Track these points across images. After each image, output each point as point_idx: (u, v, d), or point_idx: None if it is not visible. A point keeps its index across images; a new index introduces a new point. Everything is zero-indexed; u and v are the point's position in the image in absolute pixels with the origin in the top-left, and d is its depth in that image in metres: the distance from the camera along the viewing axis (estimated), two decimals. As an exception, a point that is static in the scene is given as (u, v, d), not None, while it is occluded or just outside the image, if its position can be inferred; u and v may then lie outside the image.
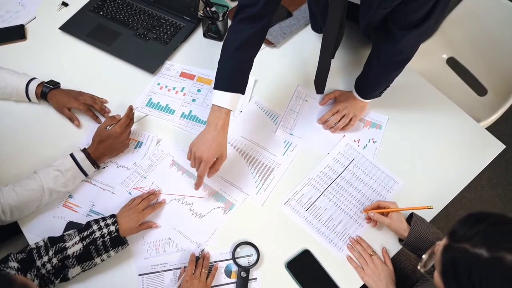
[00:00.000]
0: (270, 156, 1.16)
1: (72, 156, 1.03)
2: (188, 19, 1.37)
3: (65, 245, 0.91)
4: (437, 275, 0.65)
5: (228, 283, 1.00)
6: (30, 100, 1.18)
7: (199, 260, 1.00)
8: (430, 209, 1.02)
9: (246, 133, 1.19)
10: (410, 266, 1.12)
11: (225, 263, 1.02)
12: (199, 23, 1.37)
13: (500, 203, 1.95)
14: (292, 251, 1.04)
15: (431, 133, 1.22)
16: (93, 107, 1.19)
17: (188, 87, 1.27)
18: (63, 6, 1.42)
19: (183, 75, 1.29)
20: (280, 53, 1.34)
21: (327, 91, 1.24)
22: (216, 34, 1.34)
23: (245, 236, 1.05)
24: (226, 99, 1.00)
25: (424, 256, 0.70)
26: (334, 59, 1.19)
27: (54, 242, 0.91)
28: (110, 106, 1.22)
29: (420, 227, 1.00)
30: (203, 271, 0.97)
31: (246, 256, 1.03)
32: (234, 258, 1.01)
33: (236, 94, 1.01)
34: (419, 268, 0.71)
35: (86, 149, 1.06)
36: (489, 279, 0.57)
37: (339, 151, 1.18)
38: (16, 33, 1.34)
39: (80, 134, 1.17)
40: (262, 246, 1.03)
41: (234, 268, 1.01)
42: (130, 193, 1.09)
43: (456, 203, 1.88)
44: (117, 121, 1.09)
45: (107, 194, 1.09)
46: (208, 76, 1.29)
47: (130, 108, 1.10)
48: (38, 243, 0.91)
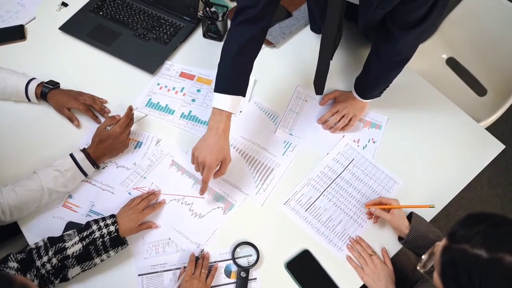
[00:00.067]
0: (270, 156, 1.16)
1: (72, 156, 1.03)
2: (188, 19, 1.37)
3: (64, 245, 0.91)
4: (436, 276, 0.65)
5: (228, 283, 1.00)
6: (29, 100, 1.18)
7: (199, 260, 1.00)
8: (431, 208, 1.02)
9: (245, 133, 1.19)
10: (410, 266, 1.12)
11: (224, 263, 1.02)
12: (198, 23, 1.37)
13: (500, 203, 1.95)
14: (292, 251, 1.04)
15: (431, 133, 1.22)
16: (92, 107, 1.19)
17: (188, 87, 1.27)
18: (62, 6, 1.42)
19: (183, 75, 1.29)
20: (279, 53, 1.34)
21: (326, 91, 1.24)
22: (215, 34, 1.34)
23: (244, 236, 1.05)
24: (226, 102, 0.99)
25: (423, 256, 0.70)
26: (333, 59, 1.19)
27: (53, 242, 0.91)
28: (110, 106, 1.22)
29: (420, 225, 1.01)
30: (202, 271, 0.97)
31: (246, 256, 1.03)
32: (234, 258, 1.01)
33: (237, 96, 1.00)
34: (419, 268, 0.71)
35: (85, 149, 1.06)
36: (488, 280, 0.57)
37: (338, 151, 1.18)
38: (15, 33, 1.34)
39: (80, 134, 1.17)
40: (262, 246, 1.03)
41: (234, 268, 1.01)
42: (129, 193, 1.09)
43: (455, 203, 1.88)
44: (117, 121, 1.09)
45: (106, 194, 1.09)
46: (207, 76, 1.29)
47: (129, 108, 1.10)
48: (38, 243, 0.92)
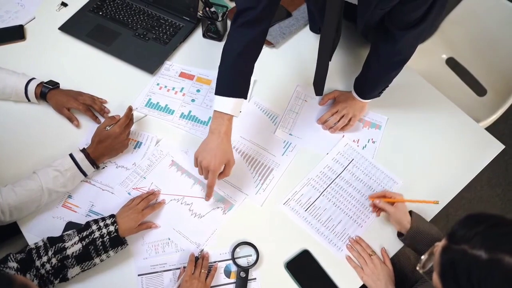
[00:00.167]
0: (270, 156, 1.16)
1: (72, 156, 1.03)
2: (188, 19, 1.37)
3: (64, 245, 0.91)
4: (435, 276, 0.65)
5: (228, 283, 1.00)
6: (29, 100, 1.18)
7: (199, 260, 1.00)
8: (435, 204, 1.02)
9: (245, 133, 1.19)
10: (410, 266, 1.12)
11: (224, 263, 1.02)
12: (198, 23, 1.37)
13: (499, 203, 1.95)
14: (292, 251, 1.04)
15: (431, 133, 1.22)
16: (92, 107, 1.19)
17: (188, 87, 1.27)
18: (62, 6, 1.42)
19: (183, 75, 1.29)
20: (279, 53, 1.34)
21: (326, 91, 1.24)
22: (215, 34, 1.34)
23: (244, 236, 1.05)
24: (228, 104, 0.99)
25: (423, 257, 0.70)
26: (333, 59, 1.19)
27: (53, 242, 0.91)
28: (110, 106, 1.22)
29: (421, 222, 1.01)
30: (202, 271, 0.97)
31: (246, 256, 1.03)
32: (234, 258, 1.01)
33: (239, 99, 1.00)
34: (418, 269, 0.71)
35: (85, 149, 1.06)
36: (488, 280, 0.57)
37: (338, 151, 1.18)
38: (15, 33, 1.34)
39: (80, 134, 1.17)
40: (262, 246, 1.03)
41: (234, 268, 1.01)
42: (129, 193, 1.09)
43: (455, 203, 1.88)
44: (116, 121, 1.09)
45: (106, 194, 1.09)
46: (207, 76, 1.29)
47: (129, 108, 1.10)
48: (38, 243, 0.92)
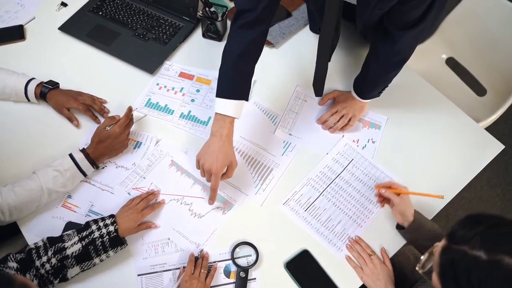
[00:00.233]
0: (269, 156, 1.16)
1: (71, 156, 1.03)
2: (187, 19, 1.37)
3: (64, 245, 0.91)
4: (435, 277, 0.65)
5: (227, 283, 1.00)
6: (29, 100, 1.18)
7: (198, 260, 1.00)
8: (440, 198, 1.02)
9: (245, 133, 1.19)
10: (409, 266, 1.12)
11: (224, 263, 1.02)
12: (198, 23, 1.37)
13: (499, 203, 1.95)
14: (291, 251, 1.04)
15: (430, 133, 1.22)
16: (92, 107, 1.19)
17: (187, 87, 1.27)
18: (62, 6, 1.42)
19: (182, 75, 1.29)
20: (279, 53, 1.34)
21: (326, 91, 1.24)
22: (215, 34, 1.34)
23: (244, 236, 1.05)
24: (229, 107, 0.98)
25: (422, 257, 0.70)
26: (332, 59, 1.19)
27: (53, 242, 0.91)
28: (109, 106, 1.22)
29: (423, 217, 1.01)
30: (202, 271, 0.97)
31: (245, 256, 1.03)
32: (233, 258, 1.01)
33: (240, 101, 0.99)
34: (418, 269, 0.71)
35: (85, 149, 1.06)
36: (487, 281, 0.57)
37: (338, 151, 1.18)
38: (15, 33, 1.34)
39: (79, 134, 1.17)
40: (261, 246, 1.03)
41: (233, 268, 1.01)
42: (129, 193, 1.09)
43: (455, 203, 1.88)
44: (116, 121, 1.09)
45: (106, 194, 1.09)
46: (207, 76, 1.29)
47: (129, 108, 1.10)
48: (37, 243, 0.92)
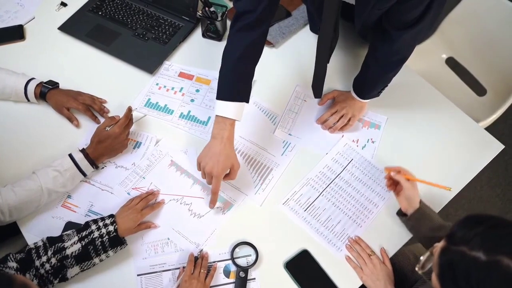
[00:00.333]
0: (269, 156, 1.16)
1: (71, 157, 1.03)
2: (187, 19, 1.37)
3: (63, 245, 0.91)
4: (434, 277, 0.65)
5: (227, 283, 1.00)
6: (29, 100, 1.18)
7: (198, 260, 1.00)
8: (448, 190, 1.04)
9: (244, 133, 1.19)
10: (409, 266, 1.12)
11: (223, 263, 1.02)
12: (198, 23, 1.37)
13: (499, 203, 1.95)
14: (291, 251, 1.04)
15: (430, 133, 1.22)
16: (92, 107, 1.19)
17: (187, 87, 1.27)
18: (62, 6, 1.42)
19: (182, 75, 1.29)
20: (279, 53, 1.34)
21: (325, 91, 1.23)
22: (215, 34, 1.33)
23: (243, 236, 1.05)
24: (230, 109, 0.98)
25: (422, 257, 0.70)
26: (331, 59, 1.18)
27: (53, 242, 0.91)
28: (109, 106, 1.22)
29: (428, 207, 1.00)
30: (202, 271, 0.98)
31: (245, 256, 1.03)
32: (233, 258, 1.01)
33: (240, 103, 0.99)
34: (417, 269, 0.71)
35: (84, 149, 1.06)
36: (486, 282, 0.57)
37: (337, 151, 1.18)
38: (15, 33, 1.34)
39: (79, 134, 1.17)
40: (261, 246, 1.03)
41: (233, 268, 1.01)
42: (128, 193, 1.09)
43: (455, 203, 1.88)
44: (116, 121, 1.09)
45: (105, 194, 1.09)
46: (206, 76, 1.29)
47: (129, 108, 1.10)
48: (37, 243, 0.92)
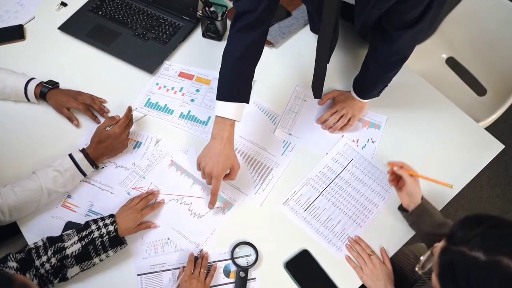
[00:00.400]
0: (269, 156, 1.16)
1: (71, 156, 1.03)
2: (187, 19, 1.37)
3: (63, 245, 0.91)
4: (434, 277, 0.65)
5: (227, 283, 1.00)
6: (29, 100, 1.18)
7: (198, 260, 1.00)
8: (450, 188, 1.04)
9: (244, 133, 1.19)
10: (409, 266, 1.12)
11: (223, 263, 1.02)
12: (198, 23, 1.37)
13: (499, 203, 1.95)
14: (291, 251, 1.04)
15: (430, 133, 1.22)
16: (92, 107, 1.19)
17: (187, 87, 1.27)
18: (62, 6, 1.42)
19: (182, 75, 1.29)
20: (279, 53, 1.34)
21: (325, 91, 1.23)
22: (215, 34, 1.33)
23: (243, 236, 1.05)
24: (230, 109, 0.98)
25: (422, 257, 0.70)
26: (331, 59, 1.18)
27: (53, 242, 0.91)
28: (109, 106, 1.22)
29: (430, 204, 1.00)
30: (202, 271, 0.98)
31: (245, 256, 1.03)
32: (233, 258, 1.01)
33: (240, 103, 0.99)
34: (417, 269, 0.71)
35: (85, 149, 1.06)
36: (486, 282, 0.57)
37: (337, 151, 1.18)
38: (15, 33, 1.34)
39: (79, 134, 1.17)
40: (261, 246, 1.03)
41: (233, 268, 1.02)
42: (128, 193, 1.09)
43: (455, 203, 1.88)
44: (116, 121, 1.09)
45: (105, 194, 1.09)
46: (206, 76, 1.29)
47: (129, 108, 1.10)
48: (37, 243, 0.92)
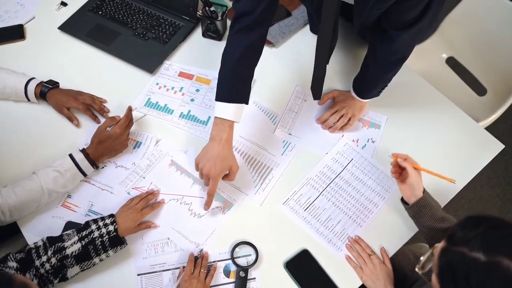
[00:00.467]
0: (269, 156, 1.16)
1: (71, 157, 1.03)
2: (187, 18, 1.37)
3: (63, 245, 0.91)
4: (434, 278, 0.65)
5: (227, 283, 1.00)
6: (29, 100, 1.18)
7: (198, 260, 1.00)
8: (453, 183, 1.03)
9: (244, 133, 1.19)
10: (409, 266, 1.12)
11: (224, 263, 1.02)
12: (198, 23, 1.37)
13: (499, 203, 1.95)
14: (291, 251, 1.04)
15: (430, 133, 1.22)
16: (92, 106, 1.19)
17: (187, 87, 1.27)
18: (62, 6, 1.42)
19: (182, 75, 1.29)
20: (279, 52, 1.34)
21: (325, 91, 1.23)
22: (215, 33, 1.33)
23: (243, 236, 1.05)
24: (229, 110, 0.98)
25: (422, 257, 0.70)
26: (331, 59, 1.18)
27: (53, 242, 0.91)
28: (109, 105, 1.22)
29: (432, 197, 1.00)
30: (202, 271, 0.98)
31: (245, 256, 1.03)
32: (233, 258, 1.01)
33: (239, 104, 0.99)
34: (417, 270, 0.71)
35: (85, 149, 1.06)
36: (486, 283, 0.57)
37: (337, 151, 1.18)
38: (15, 33, 1.34)
39: (79, 134, 1.17)
40: (261, 246, 1.03)
41: (233, 268, 1.02)
42: (128, 193, 1.09)
43: (455, 203, 1.88)
44: (117, 122, 1.09)
45: (106, 194, 1.09)
46: (206, 76, 1.29)
47: (129, 108, 1.10)
48: (37, 243, 0.92)
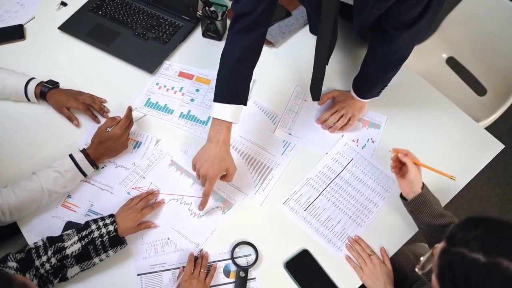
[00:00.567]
0: (269, 156, 1.16)
1: (71, 157, 1.03)
2: (187, 18, 1.37)
3: (63, 245, 0.91)
4: (434, 278, 0.65)
5: (227, 282, 1.00)
6: (29, 100, 1.18)
7: (198, 260, 1.00)
8: (453, 180, 1.03)
9: (244, 133, 1.19)
10: (409, 266, 1.12)
11: (223, 263, 1.02)
12: (198, 23, 1.37)
13: (499, 203, 1.95)
14: (291, 251, 1.04)
15: (430, 133, 1.22)
16: (92, 106, 1.19)
17: (187, 87, 1.27)
18: (62, 6, 1.42)
19: (182, 75, 1.29)
20: (279, 52, 1.34)
21: (325, 91, 1.24)
22: (215, 33, 1.33)
23: (243, 236, 1.05)
24: (227, 111, 0.98)
25: (422, 258, 0.70)
26: (331, 59, 1.19)
27: (53, 242, 0.91)
28: (109, 105, 1.22)
29: (431, 194, 1.00)
30: (202, 270, 0.98)
31: (245, 256, 1.03)
32: (233, 258, 1.01)
33: (238, 105, 0.99)
34: (417, 270, 0.71)
35: (85, 149, 1.06)
36: (486, 284, 0.57)
37: (337, 151, 1.18)
38: (15, 33, 1.34)
39: (80, 134, 1.17)
40: (261, 246, 1.03)
41: (233, 268, 1.02)
42: (128, 193, 1.09)
43: (455, 203, 1.87)
44: (117, 122, 1.08)
45: (106, 194, 1.09)
46: (206, 76, 1.29)
47: (129, 108, 1.10)
48: (37, 243, 0.92)
